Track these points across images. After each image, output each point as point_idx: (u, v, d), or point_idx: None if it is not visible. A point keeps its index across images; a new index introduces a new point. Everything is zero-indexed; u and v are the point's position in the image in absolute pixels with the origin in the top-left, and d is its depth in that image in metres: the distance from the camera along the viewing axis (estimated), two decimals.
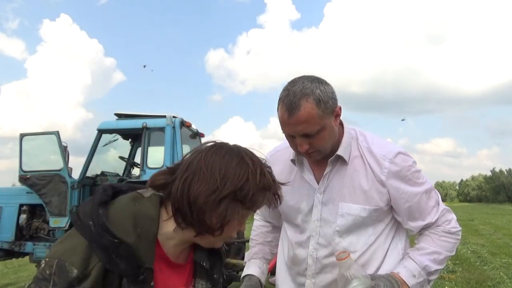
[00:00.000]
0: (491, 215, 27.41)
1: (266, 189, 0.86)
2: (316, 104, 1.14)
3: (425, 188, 1.30)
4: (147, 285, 0.82)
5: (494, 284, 6.16)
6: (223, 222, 0.84)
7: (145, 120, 5.26)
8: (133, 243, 0.80)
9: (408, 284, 1.24)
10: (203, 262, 0.99)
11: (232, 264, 5.16)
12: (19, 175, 5.29)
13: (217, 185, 0.82)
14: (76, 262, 0.77)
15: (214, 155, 0.86)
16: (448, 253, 1.31)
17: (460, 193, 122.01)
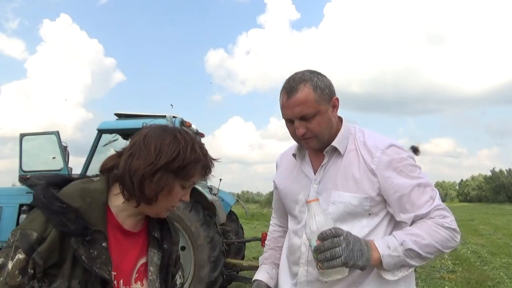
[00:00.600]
0: (491, 215, 27.40)
1: (196, 162, 1.02)
2: (313, 89, 1.26)
3: (419, 182, 1.26)
4: (98, 245, 0.95)
5: (494, 284, 6.16)
6: (157, 190, 0.99)
7: (145, 120, 5.25)
8: (79, 207, 0.95)
9: (379, 252, 1.18)
10: (155, 233, 1.13)
11: (232, 264, 5.16)
12: (19, 175, 5.28)
13: (152, 159, 0.97)
14: (35, 228, 0.91)
15: (152, 135, 1.03)
16: (436, 243, 1.21)
17: (460, 193, 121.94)
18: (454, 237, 1.25)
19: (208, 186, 6.01)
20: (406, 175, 1.26)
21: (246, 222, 14.88)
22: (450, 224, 1.24)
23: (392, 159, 1.27)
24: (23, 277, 0.88)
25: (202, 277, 4.53)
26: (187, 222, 4.59)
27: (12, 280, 0.88)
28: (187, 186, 1.05)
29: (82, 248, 0.93)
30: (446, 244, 1.24)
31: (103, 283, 0.96)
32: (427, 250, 1.21)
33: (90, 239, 0.94)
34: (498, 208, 47.55)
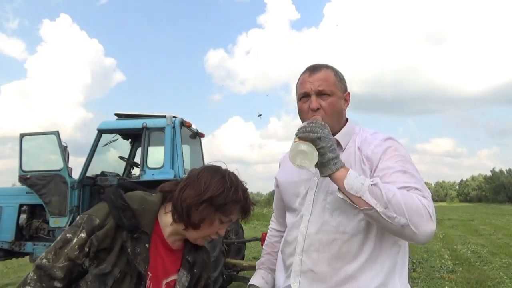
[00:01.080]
0: (491, 215, 27.40)
1: (236, 202, 1.18)
2: (334, 74, 1.38)
3: (409, 171, 1.22)
4: (142, 244, 1.14)
5: (494, 284, 6.16)
6: (200, 219, 1.16)
7: (145, 120, 5.25)
8: (136, 209, 1.15)
9: (349, 170, 1.16)
10: (189, 257, 1.28)
11: (232, 264, 5.15)
12: (19, 175, 5.28)
13: (200, 191, 1.15)
14: (99, 215, 1.12)
15: (205, 172, 1.21)
16: (404, 204, 1.10)
17: (460, 193, 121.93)
18: (427, 220, 1.10)
19: None
20: (397, 161, 1.24)
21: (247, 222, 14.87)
22: (429, 208, 1.12)
23: (388, 147, 1.28)
24: (80, 252, 1.09)
25: None
26: None
27: (72, 252, 1.08)
28: (225, 221, 1.20)
29: (129, 242, 1.12)
30: (415, 216, 1.09)
31: (138, 278, 1.13)
32: (390, 199, 1.10)
33: (138, 236, 1.13)
34: (498, 208, 47.54)
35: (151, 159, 5.19)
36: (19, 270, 7.72)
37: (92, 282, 1.07)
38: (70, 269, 1.08)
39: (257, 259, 7.80)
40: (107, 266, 1.09)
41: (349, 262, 1.25)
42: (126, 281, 1.11)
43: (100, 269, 1.08)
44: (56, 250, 1.10)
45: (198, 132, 6.10)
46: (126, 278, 1.11)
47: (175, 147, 5.06)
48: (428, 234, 1.11)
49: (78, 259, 1.08)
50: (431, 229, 1.11)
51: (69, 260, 1.08)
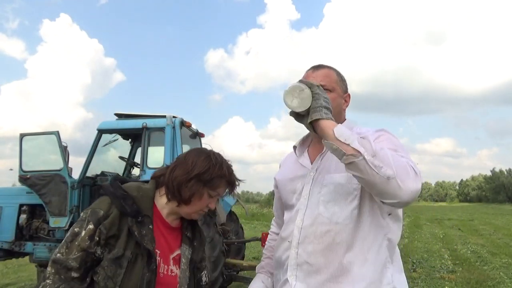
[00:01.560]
0: (491, 215, 27.43)
1: (221, 177, 1.32)
2: (337, 74, 1.46)
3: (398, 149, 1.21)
4: (146, 227, 1.26)
5: (494, 284, 6.16)
6: (190, 194, 1.29)
7: (145, 120, 5.25)
8: (135, 196, 1.28)
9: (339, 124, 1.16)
10: (187, 233, 1.43)
11: (232, 264, 5.15)
12: (19, 175, 5.28)
13: (188, 169, 1.29)
14: (102, 207, 1.24)
15: (192, 153, 1.36)
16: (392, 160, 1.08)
17: (460, 193, 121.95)
18: (413, 178, 1.08)
19: None
20: (389, 143, 1.25)
21: (246, 222, 14.88)
22: (416, 168, 1.11)
23: (380, 135, 1.31)
24: (91, 242, 1.20)
25: None
26: None
27: (83, 243, 1.19)
28: (213, 195, 1.34)
29: (135, 226, 1.24)
30: (402, 171, 1.08)
31: (149, 256, 1.25)
32: (378, 152, 1.09)
33: (141, 220, 1.26)
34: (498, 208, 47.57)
35: (151, 159, 5.19)
36: (19, 270, 7.72)
37: (109, 266, 1.20)
38: (84, 259, 1.19)
39: (257, 259, 7.81)
40: (119, 250, 1.21)
41: (343, 253, 1.26)
42: (139, 261, 1.23)
43: (114, 254, 1.21)
44: (67, 244, 1.20)
45: (198, 132, 6.10)
46: (138, 258, 1.23)
47: (175, 147, 5.05)
48: (412, 191, 1.08)
49: (90, 248, 1.19)
50: (417, 187, 1.08)
51: (82, 250, 1.19)
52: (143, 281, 1.22)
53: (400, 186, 1.06)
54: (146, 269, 1.24)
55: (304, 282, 1.31)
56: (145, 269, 1.24)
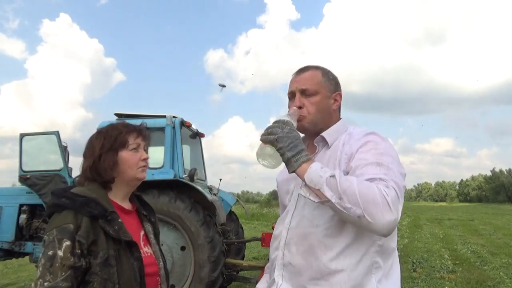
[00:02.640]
0: (491, 215, 27.42)
1: (121, 133, 1.42)
2: (322, 74, 1.41)
3: (381, 162, 1.19)
4: (116, 221, 1.30)
5: (494, 284, 6.16)
6: (109, 169, 1.37)
7: (145, 120, 5.21)
8: (95, 197, 1.31)
9: (312, 165, 1.16)
10: (143, 212, 1.53)
11: (232, 264, 5.15)
12: (19, 175, 5.28)
13: (92, 152, 1.39)
14: (69, 221, 1.23)
15: (88, 140, 1.45)
16: (358, 193, 1.07)
17: (460, 193, 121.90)
18: (384, 209, 1.06)
19: (208, 186, 6.01)
20: (374, 155, 1.22)
21: (246, 222, 14.88)
22: (388, 196, 1.08)
23: (367, 142, 1.27)
24: (74, 257, 1.20)
25: (202, 277, 4.53)
26: (187, 222, 4.59)
27: (68, 261, 1.19)
28: (130, 149, 1.42)
29: (107, 225, 1.27)
30: (370, 205, 1.06)
31: (130, 247, 1.31)
32: (345, 190, 1.09)
33: (110, 218, 1.29)
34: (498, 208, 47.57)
35: (151, 159, 5.11)
36: (19, 270, 7.72)
37: (101, 270, 1.23)
38: (73, 276, 1.20)
39: (257, 259, 7.82)
40: (103, 252, 1.25)
41: (322, 256, 1.25)
42: (123, 255, 1.29)
43: (101, 257, 1.24)
44: (49, 270, 1.19)
45: (198, 132, 6.10)
46: (121, 252, 1.29)
47: (175, 147, 5.06)
48: (385, 224, 1.07)
49: (76, 264, 1.21)
50: (388, 219, 1.07)
51: (69, 269, 1.20)
52: (135, 271, 1.29)
53: (370, 221, 1.07)
54: (132, 259, 1.31)
55: (290, 282, 1.32)
56: (131, 259, 1.30)
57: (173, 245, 4.74)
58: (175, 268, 4.69)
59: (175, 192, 4.69)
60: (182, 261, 4.72)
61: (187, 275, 4.68)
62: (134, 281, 1.29)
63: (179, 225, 4.65)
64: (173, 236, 4.74)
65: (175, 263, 4.70)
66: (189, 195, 4.75)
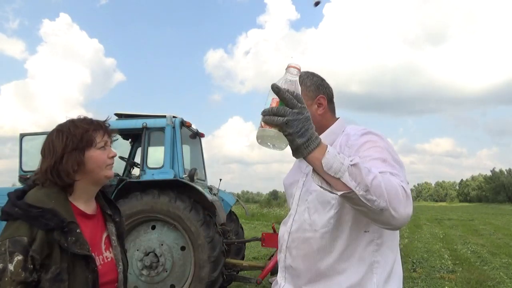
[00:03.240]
0: (491, 215, 27.42)
1: (86, 131, 1.34)
2: (301, 82, 1.37)
3: (387, 158, 1.18)
4: (74, 232, 1.22)
5: (494, 284, 6.16)
6: (74, 168, 1.30)
7: (145, 120, 5.25)
8: (52, 208, 1.22)
9: (327, 148, 1.03)
10: (107, 211, 1.47)
11: (232, 264, 5.15)
12: (19, 175, 5.28)
13: (54, 155, 1.31)
14: (23, 233, 1.16)
15: (44, 140, 1.39)
16: (384, 185, 1.03)
17: (460, 193, 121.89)
18: (405, 203, 1.06)
19: (208, 186, 6.01)
20: (376, 152, 1.21)
21: (246, 222, 14.87)
22: (407, 190, 1.08)
23: (366, 141, 1.27)
24: (25, 272, 1.13)
25: (202, 277, 4.53)
26: (187, 222, 4.59)
27: (18, 277, 1.13)
28: (98, 147, 1.36)
29: (63, 238, 1.19)
30: (394, 199, 1.04)
31: (85, 259, 1.24)
32: (371, 181, 1.02)
33: (67, 229, 1.21)
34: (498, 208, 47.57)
35: (151, 159, 5.19)
36: None
37: (51, 285, 1.16)
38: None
39: (257, 259, 7.81)
40: (56, 267, 1.18)
41: (321, 260, 1.27)
42: (78, 268, 1.23)
43: (52, 272, 1.18)
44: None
45: (198, 132, 6.10)
46: (76, 265, 1.22)
47: (175, 147, 5.06)
48: (406, 217, 1.06)
49: (27, 279, 1.14)
50: (408, 212, 1.06)
51: (19, 284, 1.13)
52: (88, 285, 1.23)
53: (393, 215, 1.04)
54: (87, 272, 1.24)
55: (291, 284, 1.36)
56: (86, 272, 1.24)
57: (173, 245, 4.74)
58: (175, 268, 4.69)
59: (175, 192, 4.69)
60: (182, 261, 4.72)
61: (187, 275, 4.68)
62: None
63: (179, 225, 4.64)
64: (173, 236, 4.74)
65: (175, 263, 4.70)
66: (189, 195, 4.75)
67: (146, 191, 4.64)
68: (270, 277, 5.05)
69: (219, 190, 5.94)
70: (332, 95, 1.48)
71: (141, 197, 4.63)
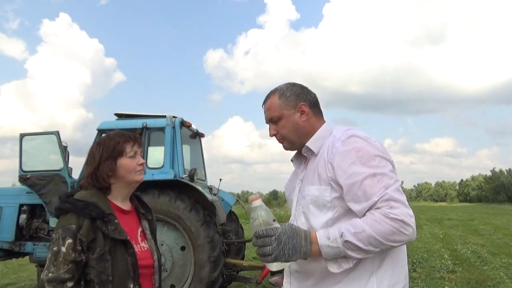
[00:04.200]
0: (491, 215, 27.42)
1: (118, 143, 1.60)
2: (279, 97, 1.47)
3: (375, 171, 1.24)
4: (113, 222, 1.49)
5: (494, 284, 6.16)
6: (107, 176, 1.56)
7: (145, 120, 5.25)
8: (94, 201, 1.50)
9: (319, 244, 1.21)
10: (141, 210, 1.73)
11: (232, 264, 5.16)
12: (19, 175, 5.28)
13: (94, 162, 1.59)
14: (72, 222, 1.44)
15: (90, 149, 1.66)
16: (377, 236, 1.16)
17: (460, 193, 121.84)
18: (402, 229, 1.17)
19: (208, 186, 6.01)
20: (363, 164, 1.26)
21: (246, 222, 14.85)
22: (397, 215, 1.17)
23: (351, 149, 1.30)
24: (75, 253, 1.40)
25: (202, 277, 4.54)
26: (187, 222, 4.59)
27: (69, 256, 1.39)
28: (128, 156, 1.60)
29: (104, 226, 1.46)
30: (392, 237, 1.17)
31: (125, 244, 1.49)
32: (367, 242, 1.17)
33: (107, 219, 1.48)
34: (498, 208, 47.58)
35: (151, 159, 5.19)
36: (19, 270, 7.72)
37: (97, 263, 1.42)
38: (74, 269, 1.40)
39: (257, 259, 7.80)
40: (100, 248, 1.44)
41: (320, 264, 1.29)
42: (118, 251, 1.47)
43: (97, 253, 1.43)
44: (53, 263, 1.39)
45: (198, 132, 6.11)
46: (117, 249, 1.47)
47: (175, 147, 5.06)
48: (412, 236, 1.20)
49: (77, 258, 1.40)
50: (411, 231, 1.19)
51: (70, 263, 1.39)
52: (128, 265, 1.48)
53: (399, 245, 1.23)
54: (127, 255, 1.48)
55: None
56: (125, 255, 1.48)
57: (173, 245, 4.74)
58: (175, 268, 4.69)
59: (175, 192, 4.69)
60: (182, 261, 4.72)
61: (187, 275, 4.68)
62: (127, 274, 1.47)
63: (179, 225, 4.65)
64: (173, 236, 4.75)
65: (175, 263, 4.70)
66: (189, 195, 4.75)
67: (146, 191, 4.64)
68: (270, 277, 5.06)
69: (219, 190, 5.94)
70: (315, 100, 1.51)
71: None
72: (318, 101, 1.53)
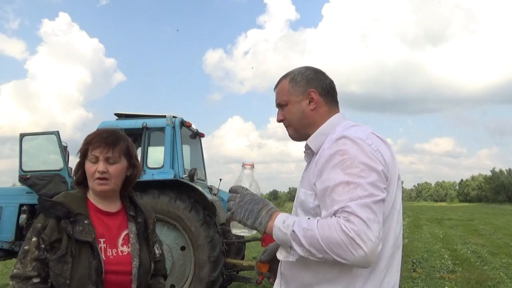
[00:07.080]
0: (491, 215, 27.42)
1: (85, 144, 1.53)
2: (289, 81, 1.41)
3: (349, 180, 1.12)
4: (81, 222, 1.44)
5: (494, 284, 6.16)
6: (76, 171, 1.55)
7: (145, 120, 5.25)
8: (62, 201, 1.48)
9: (274, 223, 1.19)
10: (130, 212, 1.63)
11: (232, 264, 5.15)
12: (19, 175, 5.28)
13: None
14: (39, 221, 1.46)
15: None
16: (321, 240, 1.07)
17: (460, 193, 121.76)
18: (351, 247, 1.05)
19: (208, 186, 6.01)
20: (342, 170, 1.15)
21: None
22: (349, 231, 1.05)
23: (336, 151, 1.19)
24: (39, 251, 1.40)
25: (202, 277, 4.53)
26: (187, 222, 4.59)
27: (33, 255, 1.40)
28: (89, 159, 1.50)
29: (69, 226, 1.43)
30: (336, 249, 1.06)
31: (91, 247, 1.43)
32: (310, 242, 1.10)
33: (74, 219, 1.44)
34: (498, 208, 47.56)
35: (151, 159, 5.19)
36: None
37: (55, 265, 1.39)
38: (39, 266, 1.40)
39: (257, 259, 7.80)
40: (61, 250, 1.40)
41: (302, 270, 1.28)
42: (83, 253, 1.42)
43: (57, 254, 1.40)
44: (21, 261, 1.41)
45: (198, 132, 6.11)
46: (82, 251, 1.42)
47: (175, 147, 5.06)
48: (360, 260, 1.06)
49: (40, 256, 1.40)
50: (360, 254, 1.04)
51: (35, 260, 1.40)
52: (91, 269, 1.41)
53: (345, 262, 1.08)
54: (92, 258, 1.42)
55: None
56: (90, 258, 1.42)
57: (173, 245, 4.74)
58: (175, 268, 4.69)
59: (175, 192, 4.69)
60: (182, 261, 4.72)
61: (187, 275, 4.68)
62: (87, 278, 1.39)
63: (179, 225, 4.65)
64: (173, 236, 4.75)
65: (175, 263, 4.70)
66: (189, 195, 4.75)
67: (146, 191, 4.64)
68: None
69: (219, 190, 5.94)
70: (329, 88, 1.39)
71: (141, 197, 4.63)
72: (335, 88, 1.42)
